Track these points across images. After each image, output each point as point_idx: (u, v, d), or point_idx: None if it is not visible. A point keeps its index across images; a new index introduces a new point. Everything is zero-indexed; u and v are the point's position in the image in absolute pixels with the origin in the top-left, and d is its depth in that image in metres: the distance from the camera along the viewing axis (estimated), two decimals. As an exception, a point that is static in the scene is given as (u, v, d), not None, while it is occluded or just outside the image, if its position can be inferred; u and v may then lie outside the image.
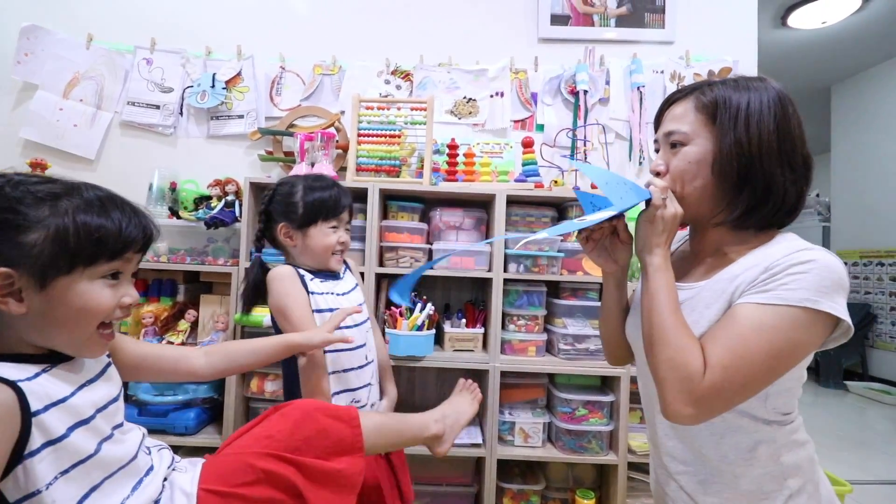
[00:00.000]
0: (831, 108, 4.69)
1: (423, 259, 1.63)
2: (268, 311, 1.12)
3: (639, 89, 1.95)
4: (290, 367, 1.09)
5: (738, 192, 0.68)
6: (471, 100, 1.99)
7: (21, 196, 0.55)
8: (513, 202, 1.64)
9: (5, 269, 0.53)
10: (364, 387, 1.12)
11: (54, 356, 0.60)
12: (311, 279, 1.09)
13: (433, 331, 1.55)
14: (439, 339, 1.66)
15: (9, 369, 0.54)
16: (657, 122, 0.79)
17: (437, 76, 1.99)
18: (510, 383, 1.59)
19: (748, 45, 2.03)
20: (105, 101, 1.93)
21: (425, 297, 1.63)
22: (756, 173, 0.66)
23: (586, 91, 1.93)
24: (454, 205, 1.71)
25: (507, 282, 1.59)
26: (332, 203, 1.11)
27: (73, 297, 0.57)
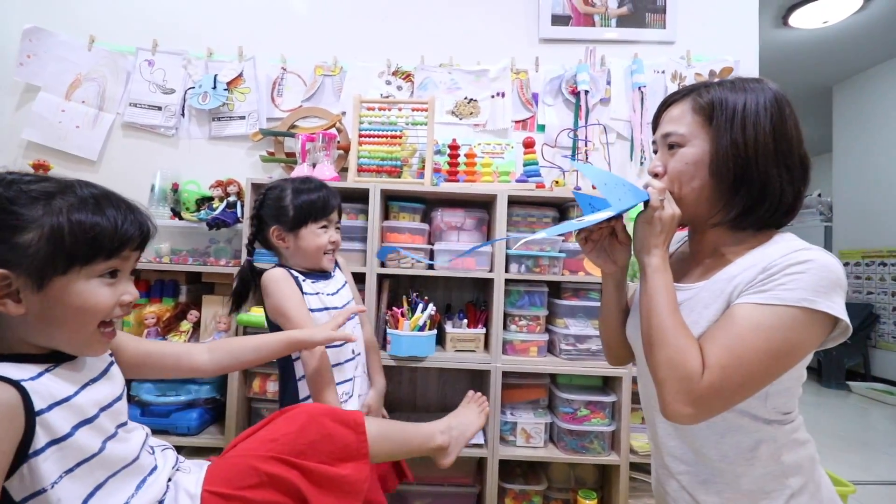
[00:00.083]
0: (833, 108, 4.67)
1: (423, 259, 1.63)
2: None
3: (640, 89, 1.95)
4: (286, 366, 1.11)
5: (735, 192, 0.68)
6: (472, 100, 1.99)
7: (15, 196, 0.54)
8: (514, 202, 1.64)
9: (2, 270, 0.53)
10: (348, 380, 1.13)
11: (57, 356, 0.60)
12: (303, 280, 1.12)
13: (435, 331, 1.55)
14: (441, 340, 1.66)
15: (11, 369, 0.54)
16: (655, 124, 0.79)
17: (438, 77, 1.99)
18: (512, 384, 1.59)
19: (749, 45, 2.03)
20: (107, 102, 1.94)
21: (426, 297, 1.63)
22: (752, 174, 0.67)
23: (587, 91, 1.92)
24: (455, 205, 1.71)
25: (508, 282, 1.59)
26: (321, 204, 1.14)
27: (71, 296, 0.56)
